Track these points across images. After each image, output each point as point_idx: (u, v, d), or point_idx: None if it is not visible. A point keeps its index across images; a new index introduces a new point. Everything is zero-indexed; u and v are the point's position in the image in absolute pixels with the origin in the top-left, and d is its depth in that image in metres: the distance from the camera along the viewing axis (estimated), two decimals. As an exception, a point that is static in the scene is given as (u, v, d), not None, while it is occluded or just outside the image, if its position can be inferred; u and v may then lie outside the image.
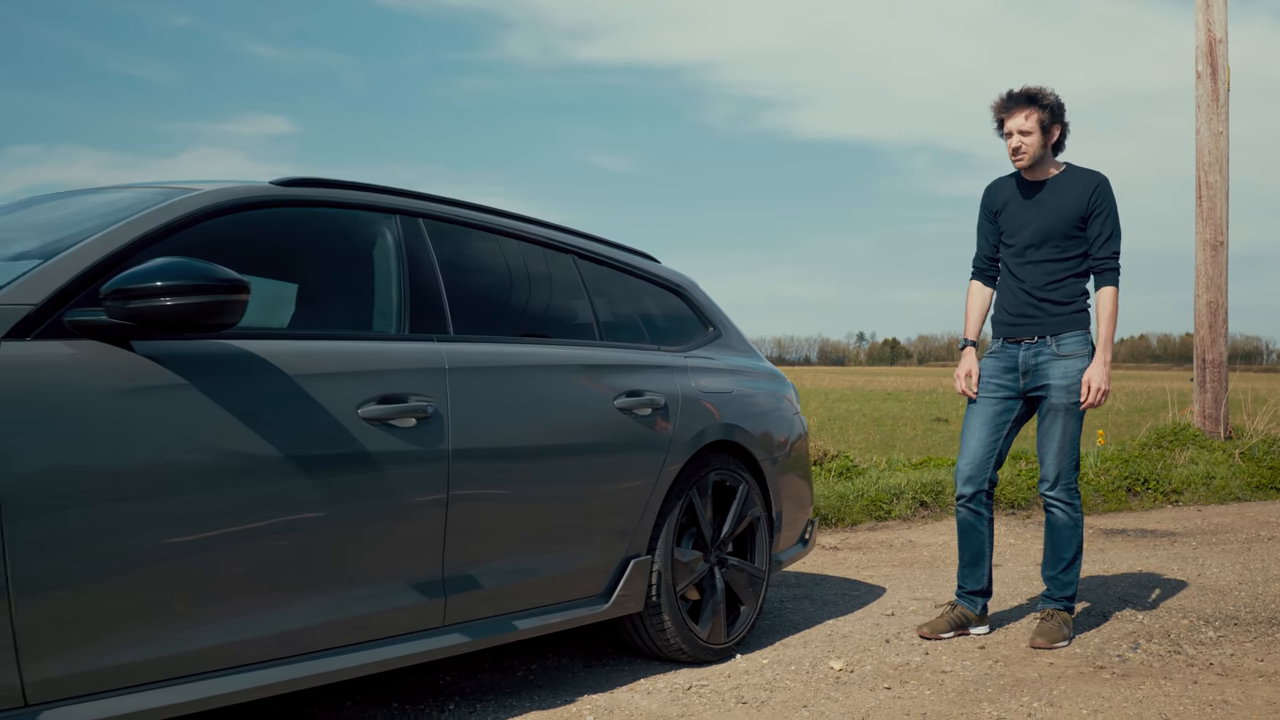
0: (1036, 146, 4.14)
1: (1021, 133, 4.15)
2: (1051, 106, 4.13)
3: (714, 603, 3.91)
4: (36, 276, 2.43)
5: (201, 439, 2.50)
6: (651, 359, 3.88)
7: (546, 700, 3.41)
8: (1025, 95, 4.14)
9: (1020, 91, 4.18)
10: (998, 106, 4.19)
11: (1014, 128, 4.16)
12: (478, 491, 3.08)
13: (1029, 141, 4.15)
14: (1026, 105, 4.13)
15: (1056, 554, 4.27)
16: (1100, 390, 4.11)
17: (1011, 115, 4.17)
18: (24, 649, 2.21)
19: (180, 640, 2.46)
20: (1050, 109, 4.13)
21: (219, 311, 2.44)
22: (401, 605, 2.92)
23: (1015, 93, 4.17)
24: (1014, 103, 4.17)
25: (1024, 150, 4.15)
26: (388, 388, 2.90)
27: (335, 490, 2.74)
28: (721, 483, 3.97)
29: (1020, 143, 4.14)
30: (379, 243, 3.19)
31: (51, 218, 3.01)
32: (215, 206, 2.81)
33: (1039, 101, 4.12)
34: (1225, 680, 3.69)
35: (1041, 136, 4.15)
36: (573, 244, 3.88)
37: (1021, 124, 4.14)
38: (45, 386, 2.29)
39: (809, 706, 3.39)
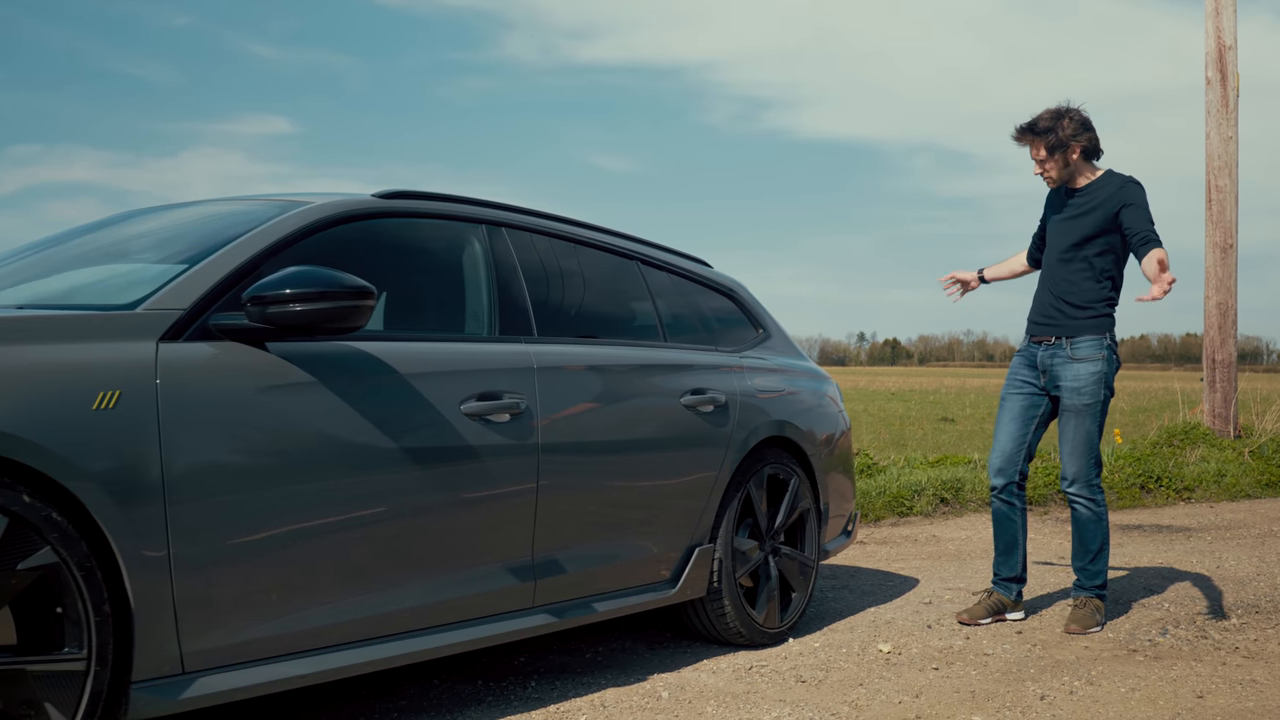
0: (1056, 169, 4.39)
1: (1038, 161, 4.40)
2: (1057, 130, 4.32)
3: (769, 589, 4.14)
4: (183, 283, 2.66)
5: (329, 432, 2.74)
6: (711, 359, 4.11)
7: (619, 679, 3.65)
8: (1029, 128, 4.37)
9: (1026, 124, 4.39)
10: (1014, 138, 4.43)
11: (1031, 156, 4.43)
12: (563, 482, 3.32)
13: (1046, 167, 4.40)
14: (1032, 138, 4.37)
15: (1084, 546, 4.50)
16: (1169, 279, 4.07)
17: (1024, 147, 4.43)
18: (182, 622, 2.45)
19: (311, 617, 2.70)
20: (1056, 131, 4.32)
21: (347, 316, 2.67)
22: (498, 587, 3.15)
23: (1022, 126, 4.40)
24: (1022, 135, 4.41)
25: (1046, 175, 4.42)
26: (485, 385, 3.13)
27: (443, 479, 2.97)
28: (775, 476, 4.21)
29: (1040, 169, 4.42)
30: (467, 251, 3.43)
31: (173, 228, 3.25)
32: (329, 218, 3.04)
33: (1040, 132, 4.33)
34: (1252, 662, 3.93)
35: (1059, 157, 4.37)
36: (637, 250, 4.11)
37: (1035, 154, 4.41)
38: (198, 384, 2.53)
39: (864, 685, 3.62)
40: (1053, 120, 4.34)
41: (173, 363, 2.50)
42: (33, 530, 2.21)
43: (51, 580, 2.25)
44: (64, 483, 2.25)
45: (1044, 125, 4.34)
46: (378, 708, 3.27)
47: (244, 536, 2.56)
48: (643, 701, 3.40)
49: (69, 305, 2.69)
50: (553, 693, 3.48)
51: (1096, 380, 4.35)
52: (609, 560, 3.53)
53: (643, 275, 4.09)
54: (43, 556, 2.22)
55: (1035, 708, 3.39)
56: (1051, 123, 4.34)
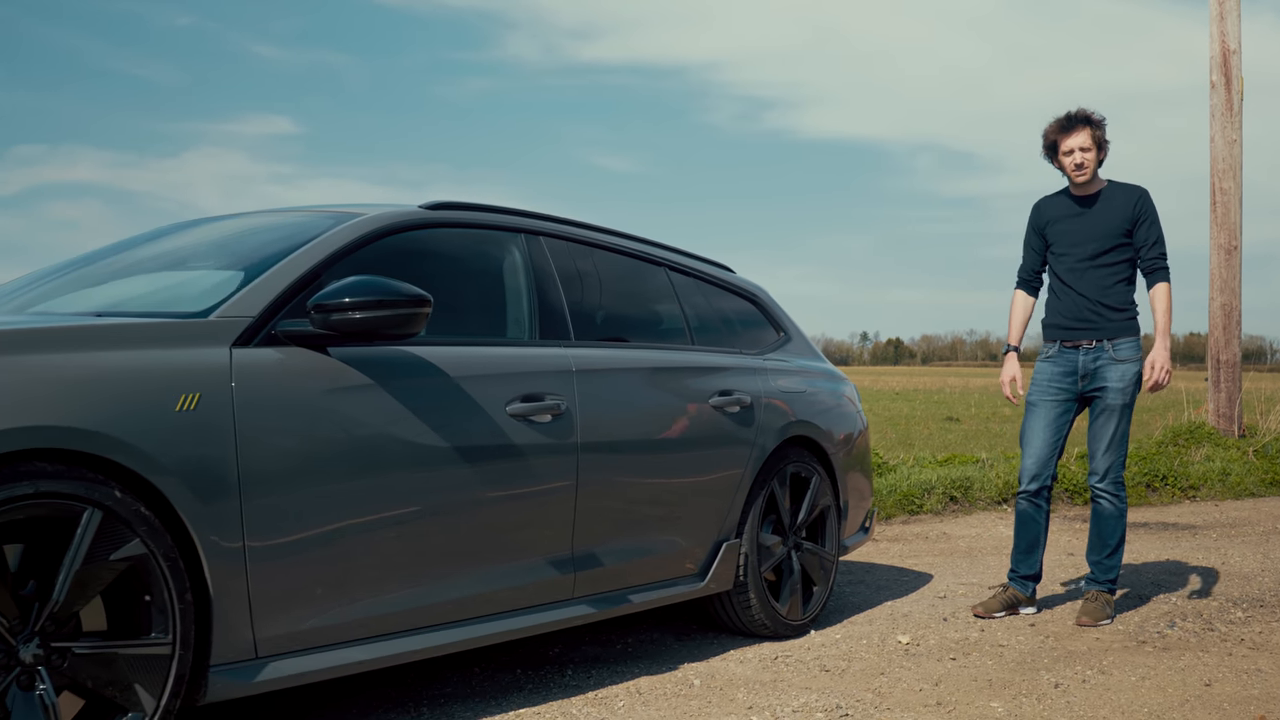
0: (1094, 162, 4.55)
1: (1083, 149, 4.54)
2: (1104, 126, 4.54)
3: (791, 583, 4.30)
4: (250, 292, 2.83)
5: (387, 432, 2.90)
6: (736, 362, 4.27)
7: (651, 668, 3.81)
8: (1083, 116, 4.54)
9: (1077, 113, 4.57)
10: (1054, 129, 4.57)
11: (1075, 145, 4.55)
12: (601, 479, 3.48)
13: (1089, 158, 4.55)
14: (1085, 125, 4.53)
15: (1102, 540, 4.66)
16: (1165, 370, 4.50)
17: (1071, 134, 4.56)
18: (255, 610, 2.61)
19: (369, 606, 2.86)
20: (1103, 128, 4.54)
21: (405, 323, 2.84)
22: (541, 579, 3.32)
23: (1074, 114, 4.56)
24: (1073, 123, 4.55)
25: (1085, 165, 4.55)
26: (528, 388, 3.30)
27: (491, 477, 3.14)
28: (797, 474, 4.37)
29: (1082, 159, 4.54)
30: (508, 259, 3.59)
31: (230, 238, 3.42)
32: (383, 229, 3.21)
33: (1094, 122, 4.52)
34: (1257, 653, 4.08)
35: (1098, 153, 4.55)
36: (665, 257, 4.28)
37: (1083, 142, 4.53)
38: (269, 387, 2.69)
39: (885, 674, 3.78)
40: (1094, 114, 4.56)
41: (245, 367, 2.67)
42: (124, 524, 2.38)
43: (140, 570, 2.41)
44: (151, 479, 2.42)
45: (1093, 115, 4.54)
46: (424, 694, 3.43)
47: (310, 530, 2.72)
48: (676, 689, 3.56)
49: (144, 313, 2.85)
50: (589, 680, 3.64)
51: (1136, 379, 4.53)
52: (642, 554, 3.69)
53: (670, 280, 4.25)
54: (133, 548, 2.39)
55: (1050, 695, 3.54)
56: (1095, 115, 4.55)
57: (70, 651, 2.33)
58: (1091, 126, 4.53)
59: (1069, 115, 4.57)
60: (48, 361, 2.36)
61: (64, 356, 2.40)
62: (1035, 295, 4.87)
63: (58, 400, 2.31)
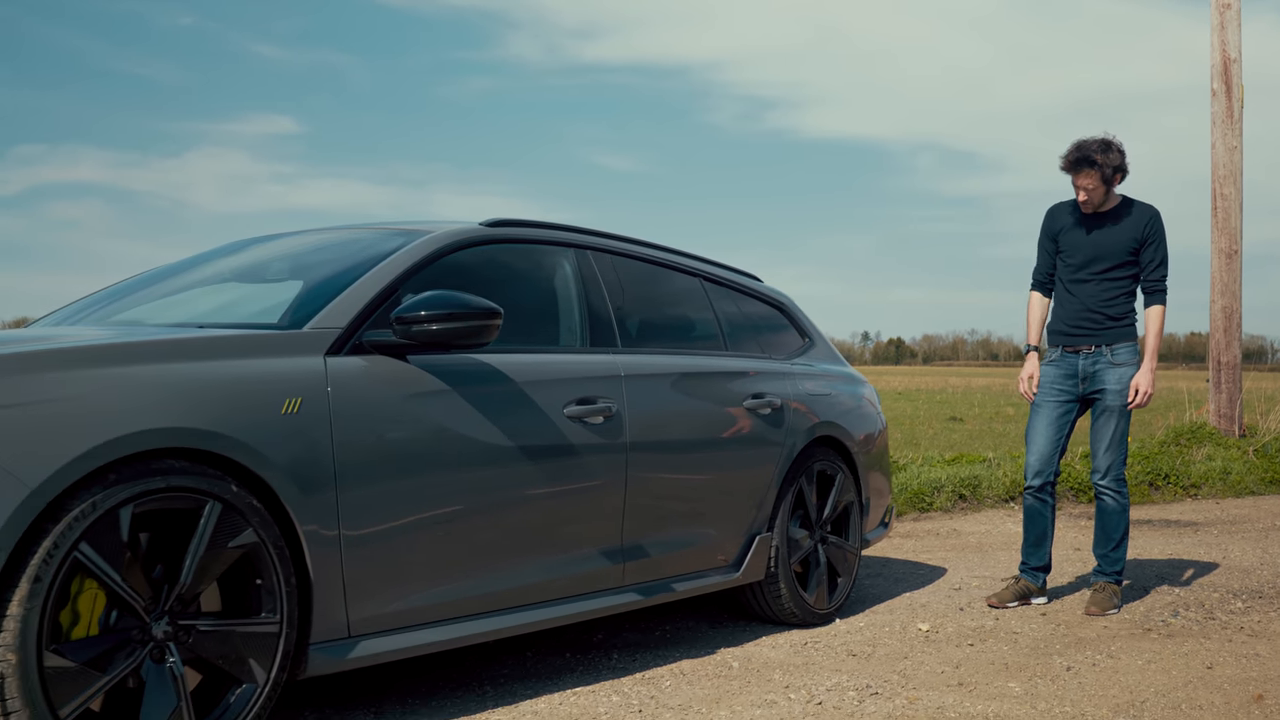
0: (1099, 196, 4.81)
1: (1087, 189, 4.80)
2: (1113, 165, 4.74)
3: (818, 574, 4.58)
4: (338, 305, 3.10)
5: (459, 433, 3.18)
6: (766, 366, 4.55)
7: (691, 652, 4.09)
8: (1086, 159, 4.75)
9: (1082, 155, 4.77)
10: (1064, 164, 4.82)
11: (1080, 184, 4.82)
12: (648, 476, 3.76)
13: (1094, 194, 4.81)
14: (1088, 168, 4.77)
15: (1107, 535, 4.94)
16: (1146, 394, 4.80)
17: (1078, 175, 4.82)
18: (349, 594, 2.89)
19: (445, 591, 3.14)
20: (1111, 167, 4.74)
21: (478, 334, 3.11)
22: (595, 568, 3.60)
23: (1079, 157, 4.78)
24: (1078, 166, 4.79)
25: (1090, 200, 4.82)
26: (583, 391, 3.58)
27: (551, 473, 3.42)
28: (823, 472, 4.65)
29: (1087, 196, 4.81)
30: (559, 272, 3.87)
31: (303, 254, 3.70)
32: (450, 245, 3.49)
33: (1098, 164, 4.74)
34: (1256, 640, 4.36)
35: (1103, 187, 4.80)
36: (699, 268, 4.55)
37: (1088, 183, 4.79)
38: (358, 392, 2.97)
39: (909, 658, 4.05)
40: (1102, 151, 4.74)
41: (338, 374, 2.94)
42: (239, 515, 2.65)
43: (253, 556, 2.69)
44: (261, 474, 2.70)
45: (1097, 157, 4.73)
46: (484, 675, 3.71)
47: (393, 521, 3.00)
48: (716, 670, 3.84)
49: (245, 324, 3.13)
50: (634, 664, 3.92)
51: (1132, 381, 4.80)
52: (684, 546, 3.97)
53: (704, 290, 4.53)
54: (246, 536, 2.67)
55: (1063, 677, 3.82)
56: (1102, 154, 4.74)
57: (195, 629, 2.61)
58: (1096, 169, 4.75)
59: (1075, 158, 4.78)
60: (174, 370, 2.64)
61: (187, 365, 2.68)
62: (1050, 296, 5.13)
63: (185, 404, 2.59)
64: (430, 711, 3.26)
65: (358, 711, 3.24)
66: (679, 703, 3.43)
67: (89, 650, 2.43)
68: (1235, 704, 3.50)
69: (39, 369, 2.46)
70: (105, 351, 2.60)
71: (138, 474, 2.49)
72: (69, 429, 2.39)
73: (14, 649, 2.29)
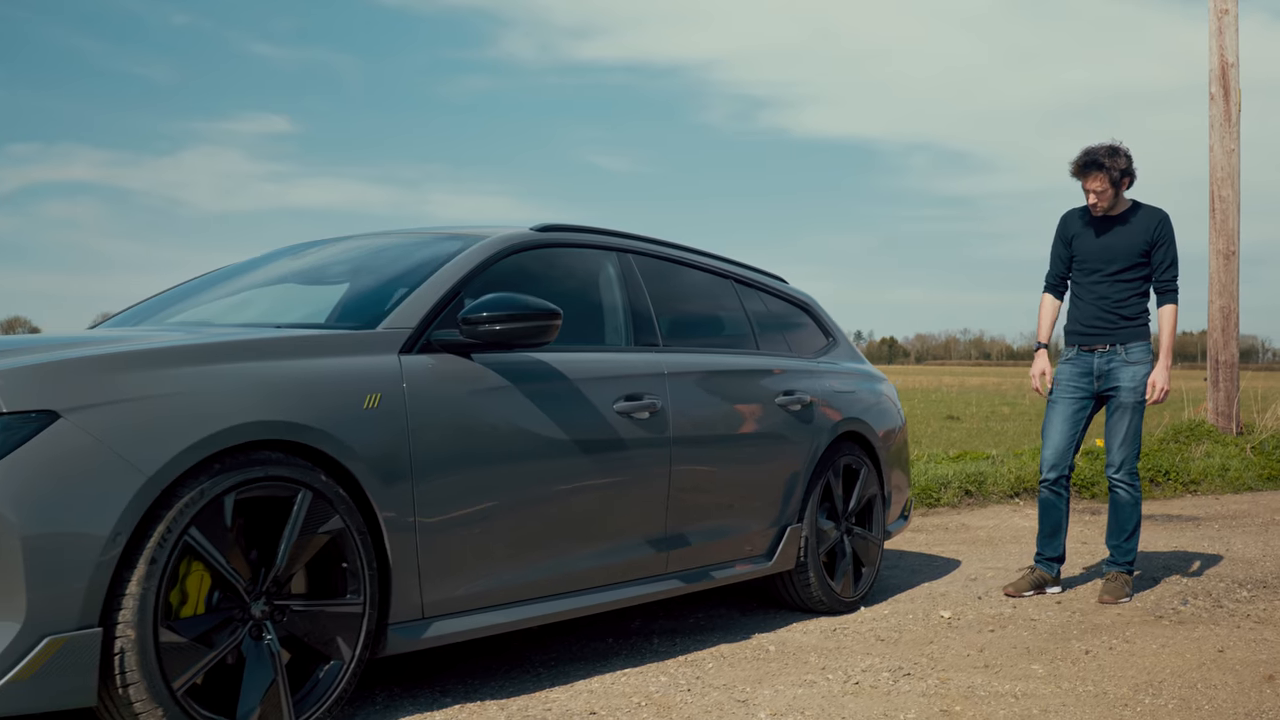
0: (1108, 199, 5.02)
1: (1097, 191, 5.01)
2: (1120, 168, 4.96)
3: (844, 564, 4.78)
4: (407, 306, 3.29)
5: (520, 426, 3.37)
6: (795, 364, 4.75)
7: (727, 638, 4.28)
8: (1094, 162, 4.97)
9: (1091, 158, 4.99)
10: (1074, 168, 5.03)
11: (1089, 188, 5.02)
12: (689, 468, 3.95)
13: (1103, 197, 5.02)
14: (1097, 171, 4.98)
15: (1120, 526, 5.15)
16: (1163, 390, 4.99)
17: (1086, 179, 5.02)
18: (423, 576, 3.08)
19: (508, 577, 3.33)
20: (1119, 170, 4.96)
21: (539, 334, 3.31)
22: (641, 556, 3.79)
23: (1088, 160, 4.99)
24: (1087, 170, 5.00)
25: (1099, 204, 5.03)
26: (630, 388, 3.77)
27: (603, 466, 3.61)
28: (849, 466, 4.85)
29: (1096, 199, 5.02)
30: (603, 274, 4.06)
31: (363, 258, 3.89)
32: (506, 249, 3.68)
33: (1106, 167, 4.95)
34: (1263, 626, 4.57)
35: (1112, 190, 5.01)
36: (731, 270, 4.75)
37: (1096, 185, 5.00)
38: (430, 388, 3.16)
39: (934, 643, 4.25)
40: (1110, 155, 4.96)
41: (412, 371, 3.13)
42: (327, 503, 2.84)
43: (339, 541, 2.88)
44: (347, 465, 2.88)
45: (1105, 160, 4.95)
46: (535, 659, 3.89)
47: (462, 509, 3.19)
48: (754, 654, 4.03)
49: (322, 324, 3.32)
50: (675, 647, 4.11)
51: (1146, 379, 5.01)
52: (721, 535, 4.16)
53: (736, 291, 4.73)
54: (334, 523, 2.86)
55: (1082, 660, 4.02)
56: (1109, 158, 4.95)
57: (289, 609, 2.80)
58: (1104, 171, 4.96)
59: (1084, 162, 4.99)
60: (269, 367, 2.83)
61: (280, 363, 2.87)
62: (1061, 298, 5.33)
63: (280, 399, 2.78)
64: (491, 691, 3.45)
65: (423, 691, 3.43)
66: (723, 682, 3.63)
67: (197, 627, 2.62)
68: (1248, 684, 3.71)
69: (151, 366, 2.65)
70: (209, 350, 2.79)
71: (239, 464, 2.68)
72: (180, 422, 2.58)
73: (133, 625, 2.47)
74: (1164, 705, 3.46)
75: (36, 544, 2.35)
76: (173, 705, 2.52)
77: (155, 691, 2.50)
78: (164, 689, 2.51)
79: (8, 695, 2.33)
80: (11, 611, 2.33)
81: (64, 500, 2.40)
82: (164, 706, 2.51)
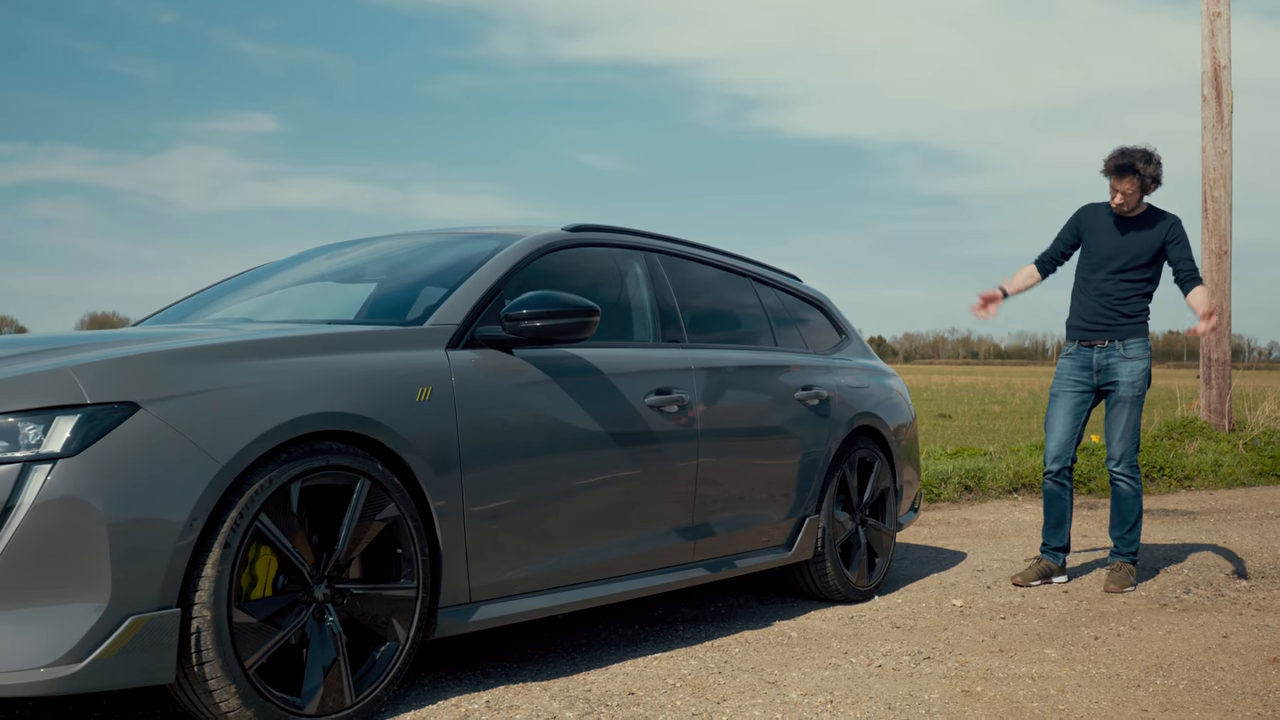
0: (1134, 201, 5.18)
1: (1124, 194, 5.17)
2: (1152, 175, 5.13)
3: (859, 554, 4.93)
4: (452, 303, 3.42)
5: (559, 419, 3.50)
6: (812, 360, 4.89)
7: (749, 625, 4.42)
8: (1130, 166, 5.13)
9: (1126, 161, 5.14)
10: (1109, 168, 5.18)
11: (1121, 188, 5.18)
12: (715, 460, 4.09)
13: (1130, 199, 5.17)
14: (1131, 175, 5.14)
15: (1122, 518, 5.30)
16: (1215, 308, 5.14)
17: (1121, 179, 5.17)
18: (471, 562, 3.21)
19: (549, 563, 3.47)
20: (1150, 177, 5.13)
21: (578, 330, 3.44)
22: (670, 545, 3.93)
23: (1123, 162, 5.14)
24: (1124, 171, 5.15)
25: (1125, 205, 5.19)
26: (660, 383, 3.91)
27: (635, 457, 3.75)
28: (863, 459, 4.99)
29: (1124, 200, 5.17)
30: (630, 273, 4.20)
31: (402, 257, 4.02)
32: (542, 249, 3.81)
33: (1140, 172, 5.12)
34: (1263, 613, 4.73)
35: (1139, 194, 5.18)
36: (750, 269, 4.89)
37: (1128, 187, 5.16)
38: (476, 381, 3.29)
39: (948, 629, 4.40)
40: (1144, 161, 5.13)
41: (459, 365, 3.27)
42: (384, 491, 2.97)
43: (395, 528, 3.01)
44: (401, 455, 3.01)
45: (1139, 166, 5.11)
46: (566, 644, 4.03)
47: (506, 498, 3.32)
48: (778, 639, 4.18)
49: (373, 320, 3.45)
50: (700, 634, 4.25)
51: (1144, 374, 5.16)
52: (743, 526, 4.30)
53: (755, 289, 4.87)
54: (390, 511, 2.99)
55: (1092, 645, 4.17)
56: (1144, 163, 5.12)
57: (349, 592, 2.93)
58: (1138, 175, 5.13)
59: (1120, 164, 5.14)
60: (329, 361, 2.96)
61: (338, 357, 3.00)
62: (1044, 275, 5.50)
63: (340, 392, 2.91)
64: (529, 674, 3.59)
65: (466, 674, 3.56)
66: (751, 665, 3.77)
67: (266, 609, 2.75)
68: (1253, 665, 3.87)
69: (223, 360, 2.78)
70: (275, 344, 2.92)
71: (304, 453, 2.81)
72: (250, 413, 2.71)
73: (208, 606, 2.60)
74: (1175, 685, 3.61)
75: (120, 529, 2.48)
76: (244, 682, 2.65)
77: (229, 669, 2.63)
78: (237, 667, 2.64)
79: (94, 672, 2.45)
80: (98, 593, 2.46)
81: (144, 488, 2.53)
82: (236, 684, 2.64)
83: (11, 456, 2.45)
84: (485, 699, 3.28)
